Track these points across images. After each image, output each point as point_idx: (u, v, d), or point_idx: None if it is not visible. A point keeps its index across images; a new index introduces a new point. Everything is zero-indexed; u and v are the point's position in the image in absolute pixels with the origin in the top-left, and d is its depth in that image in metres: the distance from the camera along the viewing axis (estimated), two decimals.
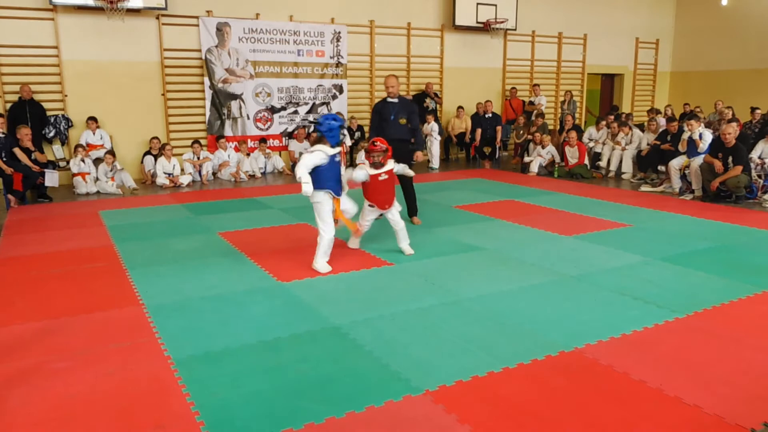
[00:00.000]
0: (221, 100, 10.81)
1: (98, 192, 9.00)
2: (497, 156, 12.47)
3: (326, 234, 4.96)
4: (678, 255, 5.34)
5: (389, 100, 6.59)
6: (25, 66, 9.36)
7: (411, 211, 6.71)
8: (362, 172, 5.34)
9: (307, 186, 4.75)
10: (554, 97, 14.49)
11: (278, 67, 11.20)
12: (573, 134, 10.59)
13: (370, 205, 5.42)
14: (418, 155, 6.60)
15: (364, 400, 2.83)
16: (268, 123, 11.33)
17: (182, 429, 2.62)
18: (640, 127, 11.00)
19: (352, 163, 11.25)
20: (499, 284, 4.56)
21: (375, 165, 5.32)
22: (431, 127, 11.96)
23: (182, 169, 9.86)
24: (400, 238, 5.46)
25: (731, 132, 7.74)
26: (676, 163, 8.71)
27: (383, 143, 5.37)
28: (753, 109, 11.01)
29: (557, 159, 10.79)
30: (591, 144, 11.08)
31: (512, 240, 5.94)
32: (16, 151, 8.17)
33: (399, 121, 6.54)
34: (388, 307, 4.08)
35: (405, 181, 6.51)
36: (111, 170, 9.13)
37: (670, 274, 4.78)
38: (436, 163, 11.91)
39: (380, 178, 5.32)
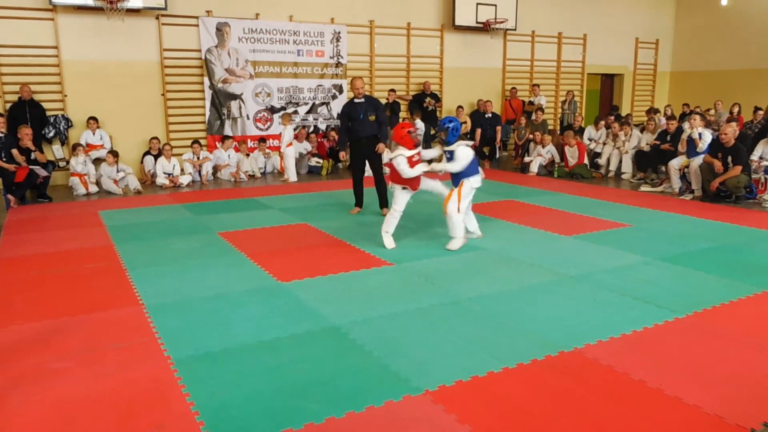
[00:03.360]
0: (221, 100, 10.81)
1: (99, 192, 9.01)
2: (497, 156, 12.47)
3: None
4: (678, 255, 5.34)
5: (356, 100, 6.97)
6: (25, 66, 9.36)
7: (382, 202, 7.19)
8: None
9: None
10: (554, 97, 14.49)
11: (278, 67, 11.20)
12: (571, 133, 10.59)
13: (403, 188, 5.67)
14: (380, 147, 7.05)
15: (364, 400, 2.83)
16: (268, 123, 11.33)
17: (182, 429, 2.62)
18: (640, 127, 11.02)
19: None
20: (499, 284, 4.56)
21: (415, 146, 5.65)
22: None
23: (182, 169, 9.86)
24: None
25: (729, 132, 7.74)
26: (675, 163, 8.71)
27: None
28: (756, 109, 11.04)
29: (557, 159, 10.79)
30: (591, 145, 11.07)
31: (512, 240, 5.94)
32: (14, 152, 8.16)
33: (369, 119, 6.96)
34: (387, 307, 4.08)
35: (377, 175, 7.10)
36: (121, 178, 9.12)
37: (670, 274, 4.78)
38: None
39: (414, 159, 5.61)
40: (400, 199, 5.63)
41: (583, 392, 2.92)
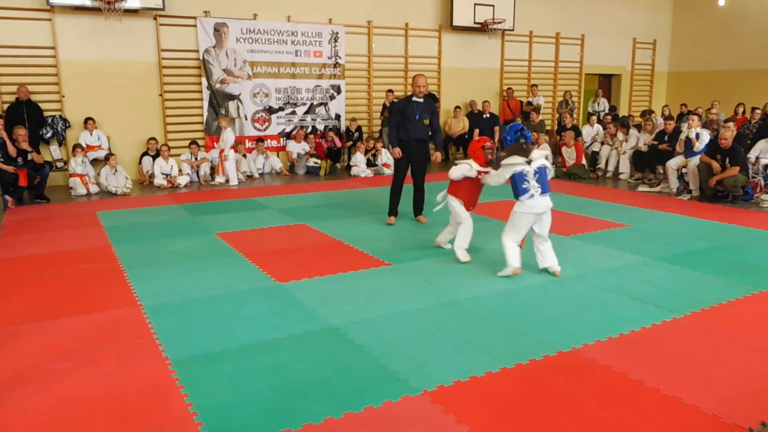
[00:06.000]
0: (219, 100, 10.80)
1: (99, 192, 9.00)
2: (495, 156, 12.44)
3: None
4: (675, 255, 5.35)
5: (415, 99, 6.49)
6: (23, 66, 9.34)
7: (418, 209, 6.91)
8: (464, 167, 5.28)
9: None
10: (552, 97, 14.50)
11: (276, 68, 11.20)
12: (568, 134, 10.60)
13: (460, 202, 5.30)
14: (438, 155, 6.86)
15: (362, 401, 2.83)
16: (266, 123, 11.33)
17: (180, 430, 2.61)
18: (638, 127, 11.03)
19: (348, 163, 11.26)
20: (497, 284, 4.56)
21: (488, 162, 5.27)
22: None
23: (180, 170, 9.85)
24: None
25: (728, 135, 7.75)
26: (673, 163, 8.72)
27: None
28: (753, 109, 11.11)
29: (550, 159, 10.79)
30: (588, 141, 11.06)
31: None
32: (10, 149, 8.14)
33: (423, 121, 6.53)
34: (386, 307, 4.08)
35: (420, 180, 6.74)
36: (113, 172, 9.12)
37: (667, 274, 4.79)
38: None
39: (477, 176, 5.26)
40: (462, 212, 5.23)
41: (582, 392, 2.92)
